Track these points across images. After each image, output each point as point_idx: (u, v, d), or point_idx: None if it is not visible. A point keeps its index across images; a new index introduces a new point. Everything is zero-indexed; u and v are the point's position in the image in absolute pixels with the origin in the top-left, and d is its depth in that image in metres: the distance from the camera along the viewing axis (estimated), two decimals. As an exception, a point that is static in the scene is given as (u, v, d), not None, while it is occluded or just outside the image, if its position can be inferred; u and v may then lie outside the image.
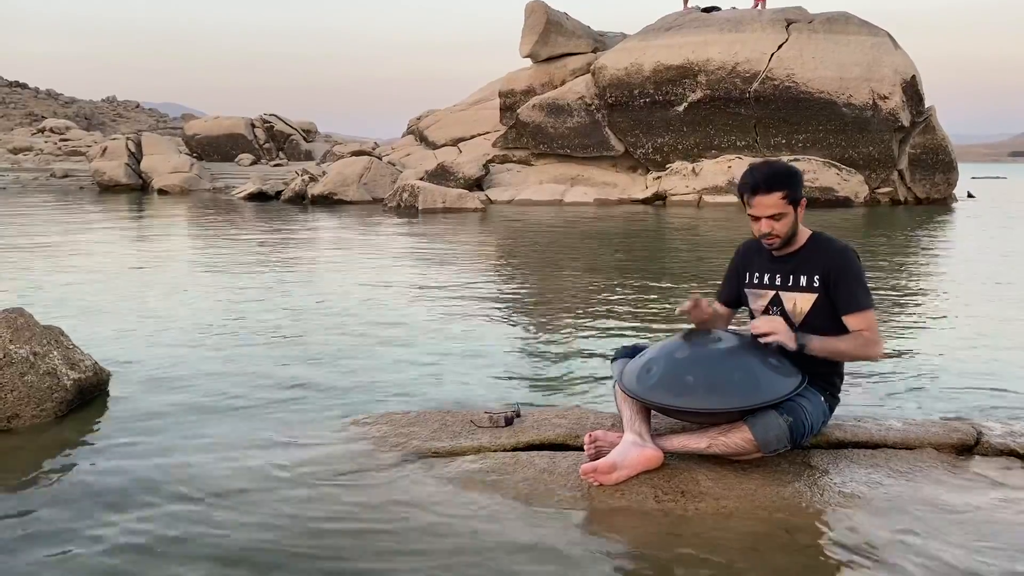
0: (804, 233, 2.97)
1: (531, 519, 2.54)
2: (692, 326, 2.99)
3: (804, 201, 2.92)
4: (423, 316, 6.27)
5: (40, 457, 3.22)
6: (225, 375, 4.48)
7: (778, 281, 2.98)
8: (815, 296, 2.90)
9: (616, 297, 7.33)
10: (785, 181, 2.86)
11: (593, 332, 5.80)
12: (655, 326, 6.00)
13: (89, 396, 3.88)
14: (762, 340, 2.78)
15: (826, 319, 2.89)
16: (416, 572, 2.27)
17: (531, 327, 6.16)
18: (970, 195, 26.94)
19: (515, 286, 8.23)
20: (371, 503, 2.69)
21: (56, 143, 52.34)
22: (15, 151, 48.87)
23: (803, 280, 2.92)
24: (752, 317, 3.07)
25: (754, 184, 2.87)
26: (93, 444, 3.37)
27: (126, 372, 4.40)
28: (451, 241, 12.95)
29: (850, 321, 2.88)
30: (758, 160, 3.09)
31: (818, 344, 2.82)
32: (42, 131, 60.23)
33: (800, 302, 2.92)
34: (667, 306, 6.79)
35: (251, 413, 3.78)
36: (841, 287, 2.86)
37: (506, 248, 12.21)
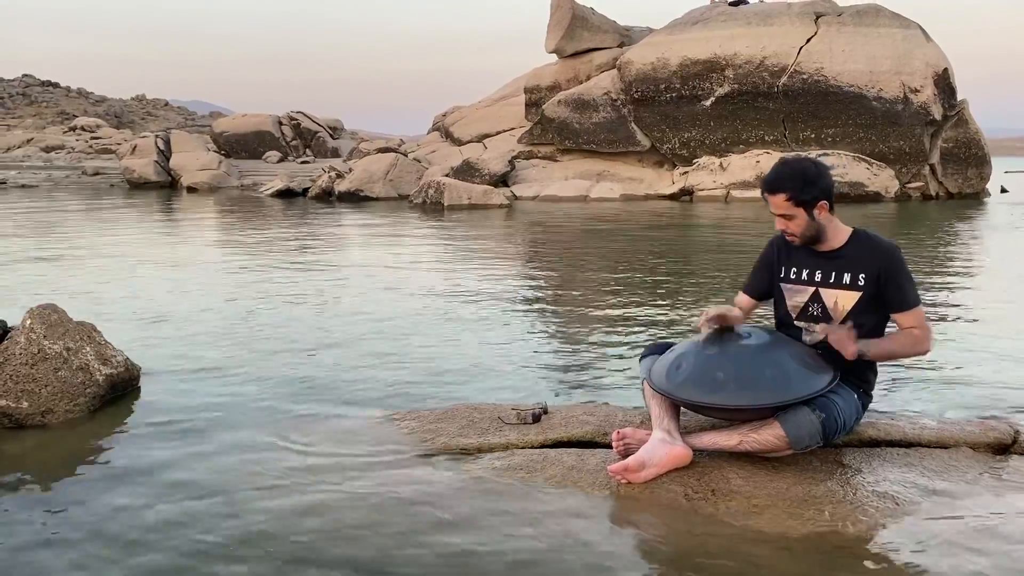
0: (843, 230, 2.92)
1: (559, 517, 2.52)
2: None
3: (824, 204, 2.84)
4: (449, 312, 6.27)
5: (74, 452, 3.26)
6: (254, 370, 4.51)
7: (818, 277, 2.93)
8: (859, 295, 2.85)
9: (644, 294, 7.29)
10: (788, 184, 2.82)
11: (621, 329, 5.77)
12: (684, 323, 5.96)
13: (121, 391, 3.93)
14: (836, 347, 2.75)
15: (868, 316, 2.85)
16: (442, 568, 2.27)
17: (558, 323, 6.14)
18: (1003, 190, 26.46)
19: (541, 282, 8.21)
20: (398, 499, 2.69)
21: (87, 141, 53.12)
22: (47, 149, 49.66)
23: (847, 278, 2.87)
24: (785, 312, 3.02)
25: (762, 183, 2.92)
26: (125, 439, 3.41)
27: (157, 367, 4.44)
28: (477, 238, 12.95)
29: (901, 319, 2.85)
30: (789, 155, 3.07)
31: (874, 349, 2.80)
32: (73, 129, 61.18)
33: (842, 300, 2.87)
34: (696, 303, 6.74)
35: (280, 408, 3.80)
36: (892, 286, 2.82)
37: (532, 244, 12.19)
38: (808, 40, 21.96)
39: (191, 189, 27.49)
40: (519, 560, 2.29)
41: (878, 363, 3.00)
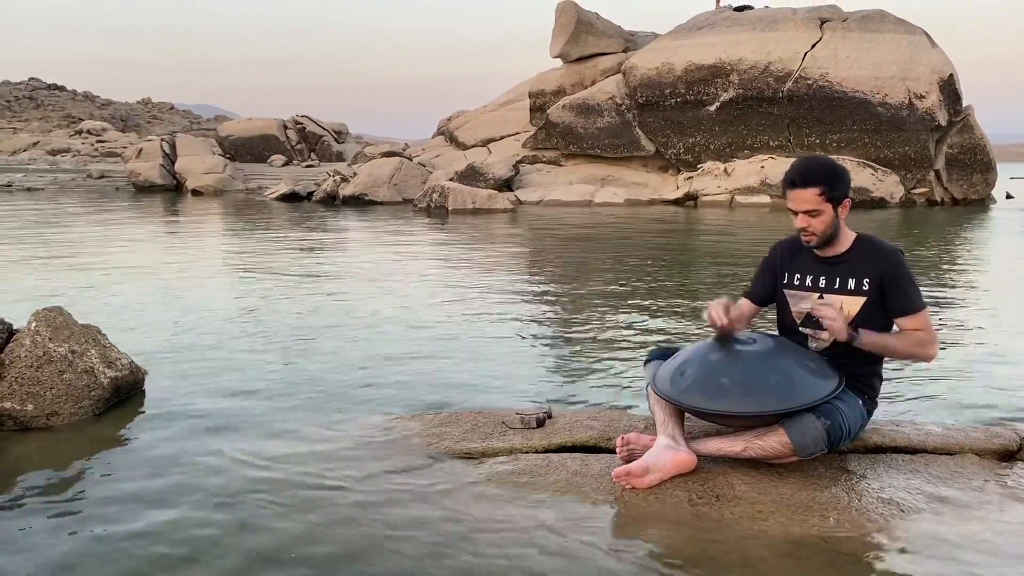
0: (849, 235, 2.91)
1: (563, 522, 2.52)
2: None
3: (848, 202, 2.85)
4: (453, 317, 6.27)
5: (78, 454, 3.26)
6: (258, 374, 4.52)
7: (823, 283, 2.92)
8: (864, 300, 2.84)
9: (648, 299, 7.29)
10: (822, 177, 2.80)
11: (626, 334, 5.76)
12: (689, 328, 5.95)
13: (125, 394, 3.93)
14: (823, 321, 2.73)
15: (874, 321, 2.83)
16: (444, 570, 2.26)
17: (563, 329, 6.14)
18: (1009, 196, 26.40)
19: (545, 287, 8.21)
20: (401, 502, 2.69)
21: (93, 144, 53.34)
22: (53, 152, 49.86)
23: (851, 283, 2.86)
24: (789, 319, 3.01)
25: (790, 177, 2.85)
26: (130, 442, 3.41)
27: (162, 370, 4.44)
28: (481, 242, 12.96)
29: (905, 323, 2.83)
30: (806, 154, 3.05)
31: (869, 339, 2.77)
32: (80, 133, 61.42)
33: (847, 305, 2.86)
34: (699, 308, 6.73)
35: (283, 412, 3.80)
36: (894, 290, 2.81)
37: (536, 249, 12.20)
38: (813, 46, 21.98)
39: (196, 192, 27.54)
40: (521, 565, 2.28)
41: (883, 370, 2.99)
